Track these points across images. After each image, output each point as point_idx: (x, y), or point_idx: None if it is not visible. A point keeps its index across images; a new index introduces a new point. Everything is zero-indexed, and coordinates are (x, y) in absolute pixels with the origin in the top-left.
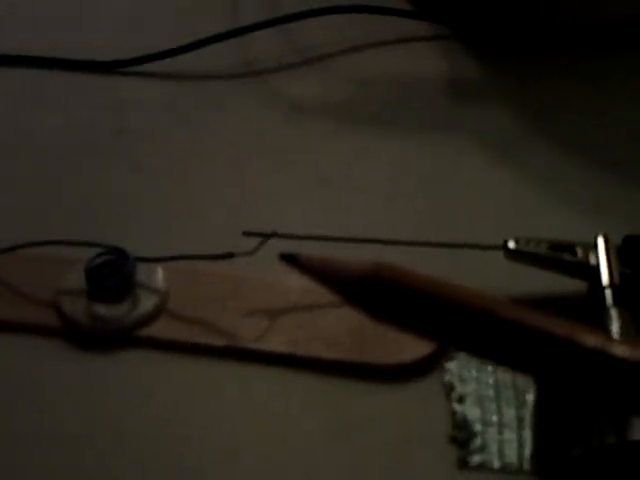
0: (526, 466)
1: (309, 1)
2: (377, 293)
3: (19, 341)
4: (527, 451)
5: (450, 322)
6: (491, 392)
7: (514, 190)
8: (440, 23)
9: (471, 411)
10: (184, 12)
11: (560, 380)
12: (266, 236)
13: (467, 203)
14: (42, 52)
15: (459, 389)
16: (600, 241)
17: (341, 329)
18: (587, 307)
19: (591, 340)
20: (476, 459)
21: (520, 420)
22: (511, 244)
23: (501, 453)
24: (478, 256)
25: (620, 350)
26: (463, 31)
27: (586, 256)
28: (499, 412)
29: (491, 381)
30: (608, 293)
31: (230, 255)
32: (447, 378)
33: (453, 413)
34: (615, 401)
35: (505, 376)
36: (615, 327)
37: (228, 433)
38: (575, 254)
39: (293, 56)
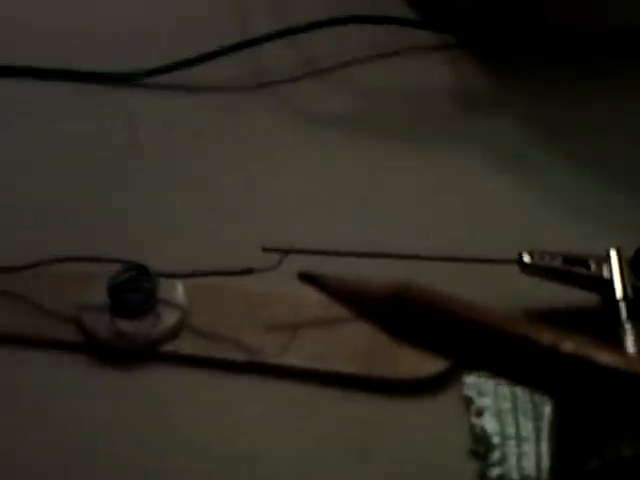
0: (544, 478)
1: (318, 12)
2: (400, 313)
3: (42, 356)
4: (545, 463)
5: (469, 342)
6: (509, 405)
7: (525, 201)
8: (447, 33)
9: (490, 424)
10: (194, 25)
11: (576, 397)
12: (285, 252)
13: (478, 214)
14: (55, 64)
15: (477, 403)
16: (613, 254)
17: (360, 343)
18: (601, 320)
19: (604, 357)
20: (495, 472)
21: (538, 433)
22: (526, 258)
23: (519, 466)
24: (491, 269)
25: (634, 366)
26: (470, 41)
27: (599, 269)
28: (517, 425)
29: (509, 394)
30: (622, 306)
31: (249, 271)
32: (466, 392)
33: (472, 427)
34: (628, 415)
35: (523, 389)
36: (630, 341)
37: (249, 448)
38: (588, 267)
39: (303, 67)
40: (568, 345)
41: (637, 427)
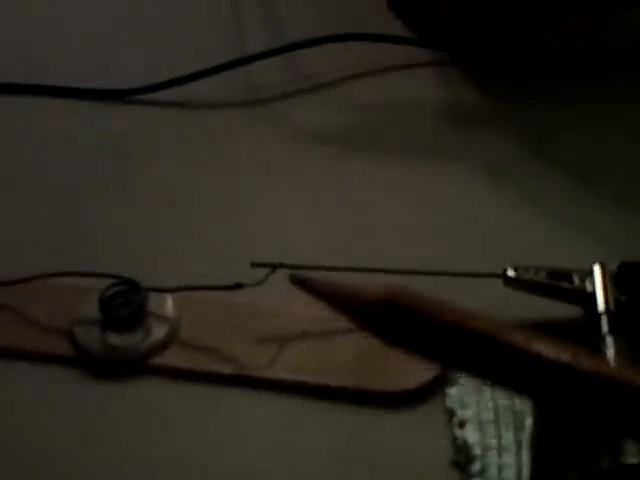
0: None
1: (312, 30)
2: (391, 318)
3: (35, 369)
4: (525, 474)
5: (458, 347)
6: (491, 416)
7: (512, 216)
8: (440, 49)
9: (471, 435)
10: (189, 42)
11: (562, 404)
12: (273, 266)
13: (467, 229)
14: (50, 81)
15: (460, 414)
16: (596, 268)
17: (347, 356)
18: (584, 334)
19: (586, 364)
20: None
21: (519, 444)
22: (510, 272)
23: (500, 476)
24: (477, 283)
25: (617, 373)
26: (462, 57)
27: (582, 283)
28: (498, 436)
29: (491, 405)
30: (604, 320)
31: (239, 286)
32: (448, 403)
33: (454, 438)
34: (612, 423)
35: (505, 400)
36: (610, 354)
37: (237, 459)
38: (572, 282)
39: (297, 84)
40: (554, 354)
41: (616, 438)
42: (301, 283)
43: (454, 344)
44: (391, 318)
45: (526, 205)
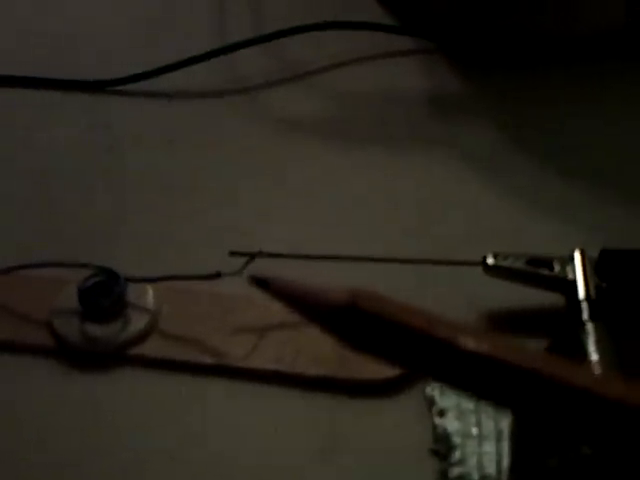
0: (504, 478)
1: (296, 18)
2: (354, 321)
3: (13, 360)
4: (505, 463)
5: (422, 352)
6: (471, 405)
7: (495, 204)
8: (425, 38)
9: (451, 424)
10: (172, 31)
11: (534, 413)
12: (252, 255)
13: (449, 217)
14: (29, 72)
15: (440, 403)
16: (577, 255)
17: (326, 345)
18: (566, 322)
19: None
20: (455, 472)
21: (499, 433)
22: (489, 260)
23: (480, 466)
24: (458, 271)
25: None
26: (447, 46)
27: (563, 270)
28: (479, 425)
29: None
30: (584, 307)
31: (217, 275)
32: (428, 392)
33: (434, 427)
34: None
35: None
36: (591, 342)
37: (215, 450)
38: (552, 268)
39: (280, 73)
40: (523, 361)
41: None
42: (262, 284)
43: (417, 349)
44: (354, 322)
45: (507, 193)
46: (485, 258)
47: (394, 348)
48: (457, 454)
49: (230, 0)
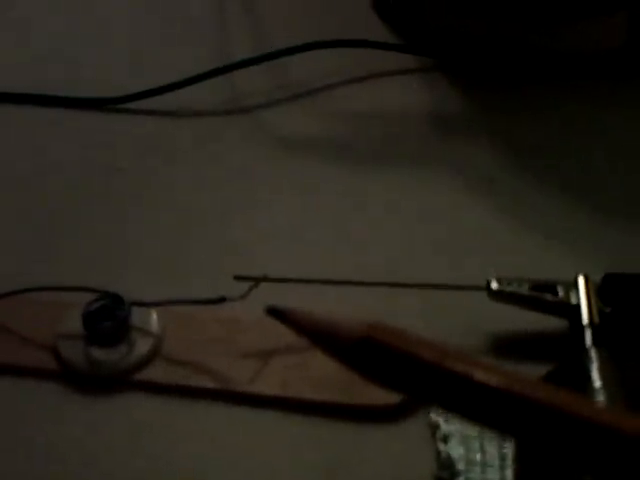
0: None
1: (296, 36)
2: (369, 354)
3: (18, 383)
4: None
5: (436, 385)
6: (475, 431)
7: (497, 226)
8: (425, 55)
9: (455, 450)
10: (172, 50)
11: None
12: (257, 280)
13: (451, 240)
14: (33, 90)
15: (444, 429)
16: (580, 280)
17: (330, 370)
18: (569, 347)
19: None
20: None
21: (503, 459)
22: (494, 284)
23: None
24: (461, 295)
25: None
26: (448, 64)
27: (567, 295)
28: (482, 451)
29: None
30: (588, 333)
31: (222, 300)
32: (432, 418)
33: (438, 453)
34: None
35: None
36: (594, 368)
37: (218, 475)
38: (556, 293)
39: (281, 92)
40: (538, 393)
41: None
42: (278, 315)
43: (431, 383)
44: (368, 355)
45: (510, 215)
46: (489, 283)
47: (407, 380)
48: None
49: (231, 19)
